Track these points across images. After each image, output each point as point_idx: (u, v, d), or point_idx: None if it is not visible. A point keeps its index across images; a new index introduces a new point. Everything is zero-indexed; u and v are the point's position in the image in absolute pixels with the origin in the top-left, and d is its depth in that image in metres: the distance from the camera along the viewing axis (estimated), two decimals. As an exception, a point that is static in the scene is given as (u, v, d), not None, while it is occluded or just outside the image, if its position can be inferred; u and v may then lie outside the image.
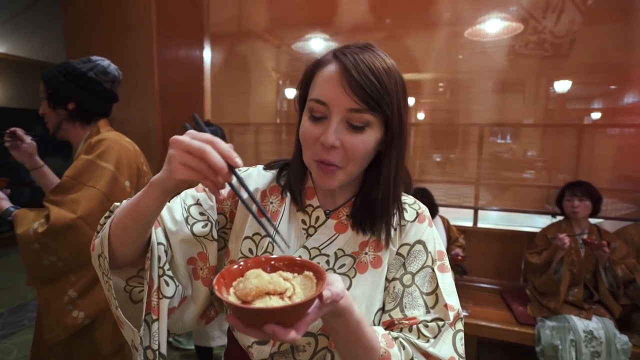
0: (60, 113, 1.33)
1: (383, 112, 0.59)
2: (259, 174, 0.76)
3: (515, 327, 2.16)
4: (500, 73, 2.59)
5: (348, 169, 0.63)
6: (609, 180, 2.43)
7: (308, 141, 0.63)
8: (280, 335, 0.43)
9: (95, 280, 1.20)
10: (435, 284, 0.66)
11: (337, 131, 0.59)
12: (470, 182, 2.72)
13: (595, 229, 2.19)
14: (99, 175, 1.22)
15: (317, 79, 0.63)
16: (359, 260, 0.67)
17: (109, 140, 1.28)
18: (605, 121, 2.50)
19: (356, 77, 0.57)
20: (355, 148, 0.60)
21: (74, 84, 1.29)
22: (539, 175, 2.66)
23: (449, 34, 2.62)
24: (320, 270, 0.50)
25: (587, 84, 2.50)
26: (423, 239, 0.70)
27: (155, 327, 0.63)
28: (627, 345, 1.93)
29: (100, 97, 1.35)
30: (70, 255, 1.17)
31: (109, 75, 1.35)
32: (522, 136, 2.71)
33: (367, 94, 0.57)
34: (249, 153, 3.12)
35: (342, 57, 0.59)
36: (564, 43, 2.43)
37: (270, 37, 3.11)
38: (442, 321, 0.63)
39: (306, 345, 0.64)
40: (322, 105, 0.60)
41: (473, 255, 2.57)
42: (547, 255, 2.14)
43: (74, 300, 1.19)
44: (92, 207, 1.17)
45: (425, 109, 2.89)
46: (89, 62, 1.32)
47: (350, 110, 0.59)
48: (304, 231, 0.70)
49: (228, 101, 3.18)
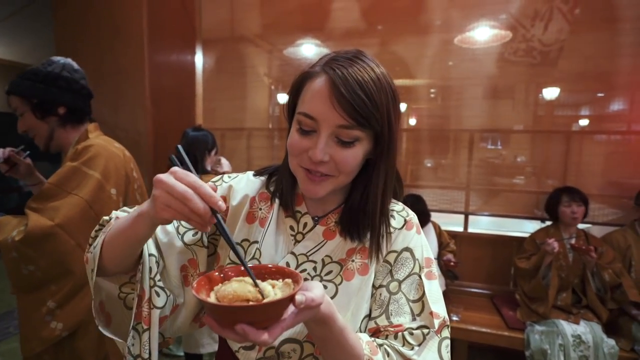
0: (52, 121, 1.28)
1: (372, 127, 0.60)
2: (248, 180, 0.76)
3: (505, 332, 2.18)
4: (490, 80, 2.63)
5: (339, 179, 0.64)
6: (596, 185, 2.46)
7: (296, 152, 0.63)
8: (251, 336, 0.43)
9: (75, 291, 1.16)
10: (422, 292, 0.66)
11: (326, 146, 0.60)
12: (461, 187, 2.74)
13: (583, 234, 2.22)
14: (84, 183, 1.18)
15: (307, 91, 0.62)
16: (345, 268, 0.68)
17: (96, 147, 1.25)
18: (592, 128, 2.54)
19: (345, 94, 0.57)
20: (345, 161, 0.61)
21: (55, 88, 1.25)
22: (528, 181, 2.69)
23: (440, 41, 2.65)
24: (297, 276, 0.50)
25: (575, 91, 2.55)
26: (411, 247, 0.70)
27: (146, 337, 0.63)
28: (614, 350, 1.96)
29: (82, 94, 1.32)
30: (48, 264, 1.14)
31: (78, 71, 1.32)
32: (512, 142, 2.75)
33: (356, 111, 0.57)
34: (240, 158, 3.12)
35: (331, 71, 0.59)
36: (552, 51, 2.47)
37: (262, 42, 3.12)
38: (428, 329, 0.63)
39: (291, 352, 0.64)
40: (311, 120, 0.60)
41: (464, 260, 2.58)
42: (535, 260, 2.16)
43: (53, 311, 1.16)
44: (72, 215, 1.13)
45: (416, 114, 2.92)
46: (53, 63, 1.27)
47: (339, 127, 0.59)
48: (292, 237, 0.70)
49: (220, 106, 3.17)
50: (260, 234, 0.70)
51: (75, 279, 1.16)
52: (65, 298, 1.16)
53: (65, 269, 1.15)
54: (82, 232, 1.13)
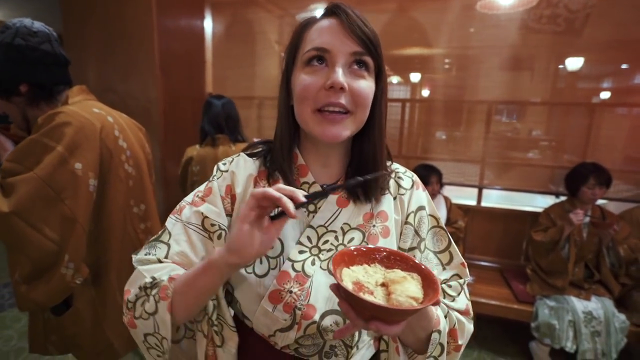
0: (18, 101, 1.10)
1: (379, 56, 0.62)
2: (245, 161, 0.72)
3: (514, 305, 2.20)
4: (510, 49, 2.51)
5: (358, 116, 0.63)
6: (615, 161, 2.40)
7: (310, 92, 0.60)
8: (383, 330, 0.46)
9: (36, 275, 1.04)
10: (447, 241, 0.72)
11: (343, 75, 0.60)
12: (475, 160, 2.70)
13: (599, 210, 2.19)
14: (43, 157, 0.99)
15: (311, 32, 0.63)
16: (368, 234, 0.67)
17: (63, 115, 1.04)
18: (614, 100, 2.45)
19: (357, 21, 0.60)
20: (362, 91, 0.61)
21: (9, 62, 1.04)
22: (544, 155, 2.63)
23: (461, 6, 2.53)
24: (434, 279, 0.49)
25: (599, 61, 2.43)
26: (424, 204, 0.73)
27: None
28: (625, 324, 1.97)
29: (45, 63, 1.09)
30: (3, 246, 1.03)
31: (38, 34, 1.07)
32: (529, 115, 2.67)
33: (368, 37, 0.60)
34: (251, 127, 3.07)
35: (337, 9, 0.61)
36: (579, 18, 2.35)
37: (273, 7, 3.00)
38: (461, 278, 0.70)
39: (334, 325, 0.62)
40: (324, 52, 0.60)
41: (476, 234, 2.58)
42: (553, 232, 2.13)
43: (21, 285, 1.05)
44: (27, 197, 0.96)
45: (430, 85, 2.83)
46: (7, 29, 1.05)
47: (353, 54, 0.60)
48: (305, 209, 0.68)
49: (230, 74, 3.10)
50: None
51: (33, 263, 1.02)
52: (27, 279, 1.04)
53: (21, 253, 1.02)
54: (37, 213, 0.98)
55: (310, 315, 0.61)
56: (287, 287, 0.62)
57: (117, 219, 1.17)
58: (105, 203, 1.14)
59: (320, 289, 0.62)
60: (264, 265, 0.64)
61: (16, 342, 2.31)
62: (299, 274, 0.63)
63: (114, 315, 1.19)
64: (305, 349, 0.65)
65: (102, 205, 1.13)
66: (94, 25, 2.53)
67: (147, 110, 2.46)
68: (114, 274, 1.18)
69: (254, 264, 0.65)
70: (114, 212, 1.16)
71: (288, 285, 0.62)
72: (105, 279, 1.18)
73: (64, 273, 1.03)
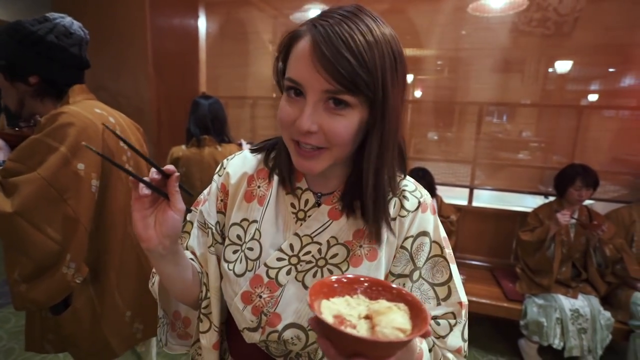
0: (21, 88, 1.09)
1: (368, 86, 0.51)
2: (245, 158, 0.72)
3: (504, 303, 2.24)
4: (500, 51, 2.56)
5: (334, 152, 0.56)
6: (602, 162, 2.45)
7: (286, 123, 0.56)
8: None
9: (37, 273, 1.04)
10: (447, 275, 0.64)
11: (313, 115, 0.53)
12: (466, 161, 2.73)
13: (586, 210, 2.23)
14: (46, 158, 0.99)
15: (292, 53, 0.55)
16: (352, 253, 0.63)
17: (66, 115, 1.03)
18: (601, 103, 2.50)
19: (327, 54, 0.49)
20: (334, 132, 0.53)
21: (32, 52, 1.04)
22: (534, 156, 2.68)
23: (453, 8, 2.56)
24: (422, 308, 0.44)
25: (588, 64, 2.48)
26: (428, 230, 0.64)
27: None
28: (610, 321, 2.02)
29: (67, 65, 1.10)
30: (4, 245, 1.03)
31: (73, 37, 1.09)
32: (519, 116, 2.72)
33: (341, 74, 0.49)
34: (244, 127, 3.07)
35: (314, 30, 0.51)
36: (568, 21, 2.39)
37: (267, 6, 3.00)
38: (454, 319, 0.63)
39: (295, 339, 0.62)
40: (298, 86, 0.53)
41: (467, 234, 2.61)
42: (539, 233, 2.18)
43: (20, 283, 1.05)
44: (31, 198, 0.96)
45: (422, 86, 2.86)
46: (45, 21, 1.06)
47: (325, 92, 0.52)
48: (294, 215, 0.66)
49: (224, 73, 3.10)
50: (259, 212, 0.66)
51: (35, 263, 1.02)
52: (28, 278, 1.04)
53: (22, 253, 1.02)
54: (40, 214, 0.98)
55: (274, 323, 0.62)
56: (257, 291, 0.63)
57: (118, 219, 1.18)
58: (107, 203, 1.14)
59: (290, 299, 0.62)
60: (242, 265, 0.65)
61: (6, 342, 2.29)
62: (272, 281, 0.63)
63: (112, 315, 1.19)
64: (272, 349, 0.67)
65: (104, 205, 1.14)
66: (86, 22, 2.46)
67: (140, 109, 2.45)
68: (113, 273, 1.19)
69: (235, 262, 0.65)
70: (115, 212, 1.17)
71: (259, 290, 0.63)
72: (104, 278, 1.18)
73: (64, 272, 1.03)
